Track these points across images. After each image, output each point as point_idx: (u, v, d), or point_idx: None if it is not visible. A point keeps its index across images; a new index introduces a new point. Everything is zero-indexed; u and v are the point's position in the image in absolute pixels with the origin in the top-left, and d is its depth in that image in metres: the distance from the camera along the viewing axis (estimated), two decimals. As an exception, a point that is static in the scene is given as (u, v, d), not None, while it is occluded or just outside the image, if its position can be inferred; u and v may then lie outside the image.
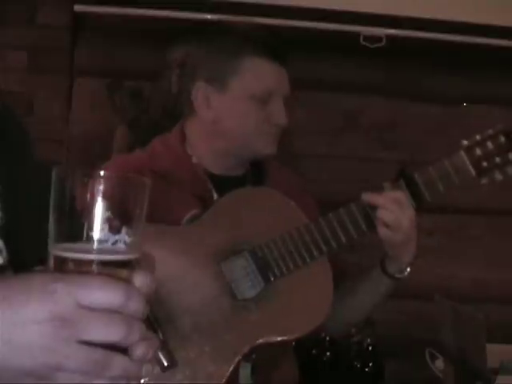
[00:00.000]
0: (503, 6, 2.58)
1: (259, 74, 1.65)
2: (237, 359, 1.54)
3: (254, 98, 1.64)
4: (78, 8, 2.49)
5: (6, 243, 0.91)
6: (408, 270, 1.67)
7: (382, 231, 1.59)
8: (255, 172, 1.76)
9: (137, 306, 0.67)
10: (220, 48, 1.66)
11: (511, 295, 2.72)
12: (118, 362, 0.66)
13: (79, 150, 2.55)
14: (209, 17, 2.47)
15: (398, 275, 1.67)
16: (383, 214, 1.58)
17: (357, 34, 2.54)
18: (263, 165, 1.78)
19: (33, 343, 0.65)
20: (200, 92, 1.67)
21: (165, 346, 0.77)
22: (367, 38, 2.54)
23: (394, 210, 1.58)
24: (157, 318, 0.78)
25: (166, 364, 0.78)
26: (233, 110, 1.66)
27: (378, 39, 2.55)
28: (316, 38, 2.56)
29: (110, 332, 0.66)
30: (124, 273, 0.69)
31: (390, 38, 2.55)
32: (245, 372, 1.58)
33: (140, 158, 1.72)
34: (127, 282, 0.69)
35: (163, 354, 0.77)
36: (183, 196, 1.64)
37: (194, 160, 1.71)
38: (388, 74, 2.70)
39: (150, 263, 0.77)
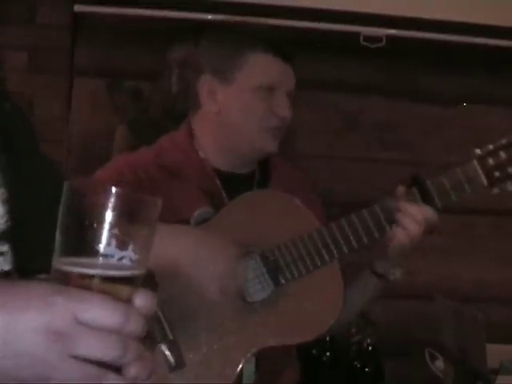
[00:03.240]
0: (502, 6, 2.58)
1: (263, 68, 1.67)
2: (243, 361, 1.54)
3: (258, 90, 1.65)
4: (77, 8, 2.49)
5: (13, 248, 0.90)
6: (397, 272, 1.68)
7: (403, 238, 1.60)
8: (262, 170, 1.76)
9: (135, 327, 0.67)
10: (226, 42, 1.68)
11: (511, 295, 2.72)
12: (110, 380, 0.66)
13: (79, 150, 2.55)
14: (209, 17, 2.47)
15: (387, 276, 1.68)
16: (403, 234, 1.59)
17: (357, 34, 2.54)
18: (269, 163, 1.78)
19: (26, 352, 0.65)
20: (205, 85, 1.68)
21: (174, 347, 0.77)
22: (367, 38, 2.54)
23: (410, 229, 1.59)
24: (167, 318, 0.77)
25: (173, 364, 0.78)
26: (237, 102, 1.67)
27: (378, 39, 2.54)
28: (316, 38, 2.56)
29: (104, 350, 0.65)
30: (126, 290, 0.69)
31: (390, 38, 2.55)
32: (248, 372, 1.58)
33: (146, 155, 1.72)
34: (128, 299, 0.68)
35: (172, 354, 0.77)
36: (191, 191, 1.64)
37: (202, 155, 1.71)
38: (388, 74, 2.70)
39: (152, 281, 0.77)
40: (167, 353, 0.77)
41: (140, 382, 0.68)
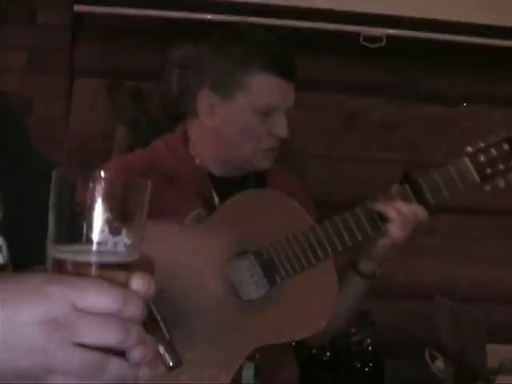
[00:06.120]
0: (503, 6, 2.58)
1: (265, 90, 1.64)
2: (241, 361, 1.54)
3: (258, 111, 1.64)
4: (77, 8, 2.49)
5: (7, 240, 0.90)
6: (379, 270, 1.68)
7: (390, 242, 1.60)
8: (256, 174, 1.76)
9: (134, 310, 0.66)
10: (229, 57, 1.65)
11: (511, 295, 2.72)
12: (114, 365, 0.66)
13: (79, 150, 2.55)
14: (209, 17, 2.47)
15: (372, 275, 1.68)
16: (394, 230, 1.59)
17: (357, 34, 2.54)
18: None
19: (27, 345, 0.64)
20: (204, 99, 1.67)
21: (170, 346, 0.77)
22: (367, 38, 2.54)
23: (403, 228, 1.59)
24: (163, 318, 0.77)
25: (171, 364, 0.78)
26: (235, 120, 1.66)
27: (378, 39, 2.54)
28: (316, 38, 2.56)
29: (106, 336, 0.65)
30: (123, 275, 0.68)
31: (390, 38, 2.55)
32: (248, 372, 1.58)
33: (142, 158, 1.73)
34: (126, 284, 0.68)
35: (169, 354, 0.77)
36: (185, 195, 1.65)
37: (197, 161, 1.71)
38: (388, 74, 2.70)
39: (150, 265, 0.76)
40: (164, 353, 0.77)
41: (144, 366, 0.68)
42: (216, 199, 1.68)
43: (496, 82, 2.72)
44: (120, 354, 0.67)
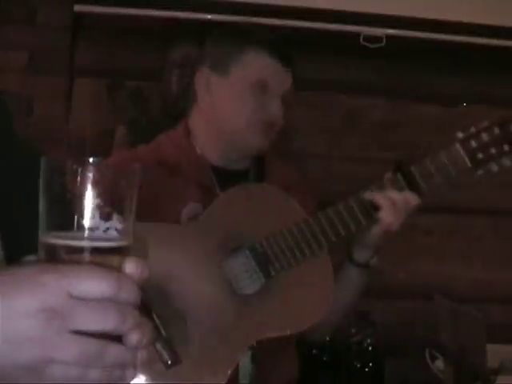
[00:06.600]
0: (502, 6, 2.58)
1: (260, 67, 1.68)
2: (239, 356, 1.54)
3: (252, 86, 1.67)
4: (78, 8, 2.49)
5: (1, 229, 0.90)
6: (373, 260, 1.69)
7: (382, 229, 1.61)
8: (257, 167, 1.77)
9: (129, 293, 0.67)
10: (229, 42, 1.70)
11: (511, 295, 2.73)
12: (113, 351, 0.66)
13: (79, 150, 2.55)
14: (209, 17, 2.48)
15: (366, 264, 1.68)
16: (385, 216, 1.60)
17: (357, 34, 2.55)
18: (265, 160, 1.79)
19: (25, 337, 0.64)
20: (203, 77, 1.70)
21: (168, 344, 0.77)
22: (367, 38, 2.55)
23: (395, 214, 1.60)
24: (160, 316, 0.77)
25: (169, 362, 0.78)
26: (230, 95, 1.69)
27: (378, 39, 2.55)
28: (316, 38, 2.56)
29: (103, 321, 0.65)
30: (116, 260, 0.69)
31: (390, 38, 2.56)
32: (245, 365, 1.58)
33: (144, 151, 1.74)
34: (119, 269, 0.68)
35: (166, 352, 0.77)
36: (186, 186, 1.66)
37: (198, 151, 1.73)
38: (388, 74, 2.70)
39: (142, 249, 0.77)
40: (162, 351, 0.77)
41: (141, 349, 0.68)
42: (217, 189, 1.69)
43: (496, 82, 2.72)
44: (117, 339, 0.67)
